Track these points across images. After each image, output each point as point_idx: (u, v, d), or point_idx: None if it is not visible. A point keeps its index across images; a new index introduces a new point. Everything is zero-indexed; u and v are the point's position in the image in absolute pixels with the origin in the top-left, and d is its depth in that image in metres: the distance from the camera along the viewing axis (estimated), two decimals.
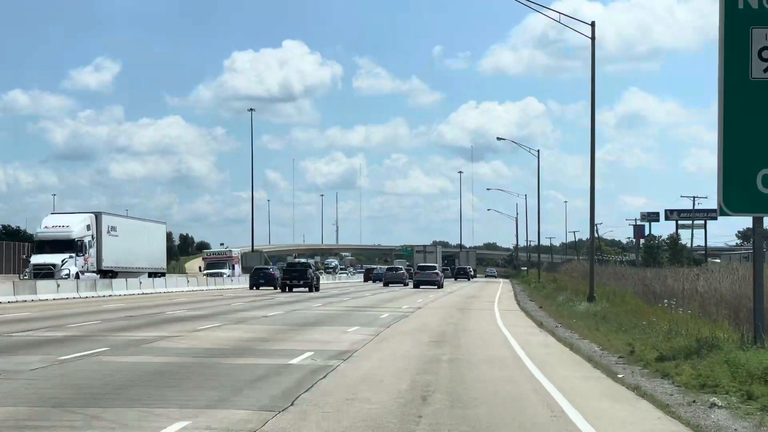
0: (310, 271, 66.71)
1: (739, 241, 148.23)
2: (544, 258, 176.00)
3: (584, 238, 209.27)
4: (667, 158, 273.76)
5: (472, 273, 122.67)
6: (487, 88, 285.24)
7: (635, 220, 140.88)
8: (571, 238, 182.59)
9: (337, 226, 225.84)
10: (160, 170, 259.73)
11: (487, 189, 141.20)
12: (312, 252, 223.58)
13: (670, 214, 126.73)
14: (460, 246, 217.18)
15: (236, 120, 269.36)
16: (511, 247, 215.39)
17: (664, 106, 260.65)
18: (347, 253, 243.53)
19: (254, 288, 70.52)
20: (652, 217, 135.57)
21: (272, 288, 68.90)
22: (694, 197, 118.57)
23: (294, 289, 64.72)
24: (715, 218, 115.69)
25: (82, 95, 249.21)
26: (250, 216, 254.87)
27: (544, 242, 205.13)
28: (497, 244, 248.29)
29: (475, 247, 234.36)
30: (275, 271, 74.54)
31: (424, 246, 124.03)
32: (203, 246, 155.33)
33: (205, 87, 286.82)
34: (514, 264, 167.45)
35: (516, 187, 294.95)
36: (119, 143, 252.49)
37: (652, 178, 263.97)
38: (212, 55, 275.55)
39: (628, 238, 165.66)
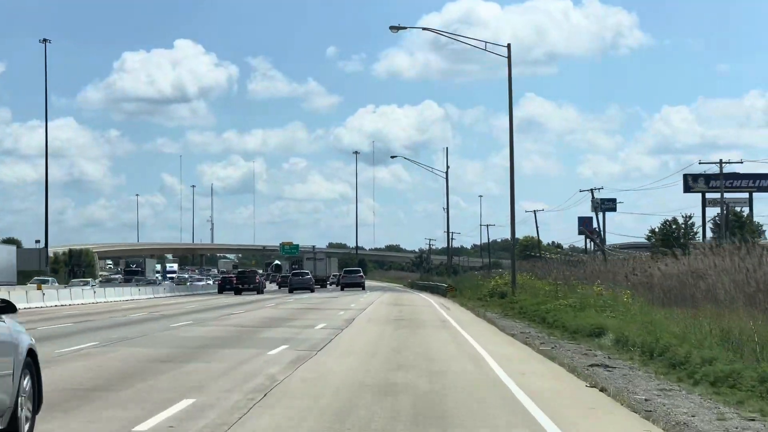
0: (258, 276, 78.17)
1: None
2: (456, 261, 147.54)
3: (500, 239, 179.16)
4: (564, 164, 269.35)
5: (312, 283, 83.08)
6: (385, 92, 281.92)
7: (487, 227, 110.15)
8: (485, 239, 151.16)
9: (213, 224, 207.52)
10: (52, 174, 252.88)
11: (392, 156, 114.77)
12: (183, 252, 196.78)
13: (693, 182, 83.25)
14: (356, 248, 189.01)
15: (129, 123, 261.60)
16: (418, 250, 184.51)
17: (561, 111, 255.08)
18: (231, 256, 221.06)
19: None
20: (607, 205, 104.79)
21: None
22: None
23: (243, 293, 72.70)
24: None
25: None
26: (149, 220, 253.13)
27: (458, 243, 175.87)
28: (401, 246, 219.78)
29: (377, 249, 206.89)
30: None
31: (314, 252, 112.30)
32: (11, 243, 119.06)
33: (93, 88, 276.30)
34: (425, 267, 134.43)
35: (416, 191, 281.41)
36: (6, 146, 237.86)
37: (550, 183, 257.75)
38: (100, 55, 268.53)
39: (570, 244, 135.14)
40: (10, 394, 8.85)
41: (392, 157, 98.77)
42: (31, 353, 9.45)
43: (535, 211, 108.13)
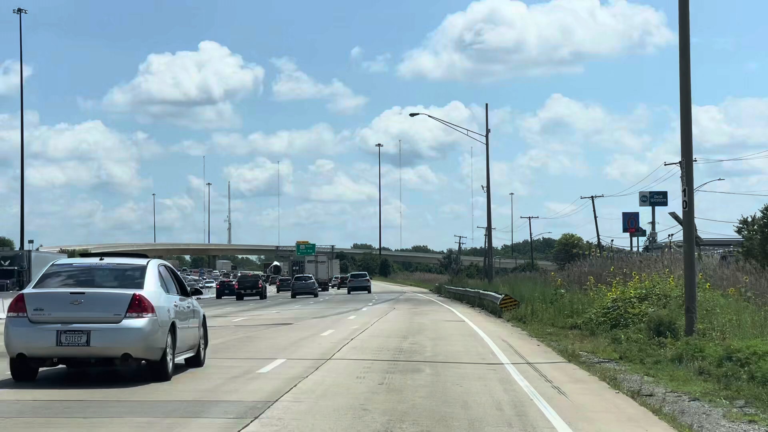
0: (261, 281, 74.30)
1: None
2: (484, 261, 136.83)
3: (522, 239, 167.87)
4: (591, 164, 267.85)
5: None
6: (410, 92, 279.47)
7: (529, 219, 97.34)
8: (516, 239, 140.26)
9: (230, 224, 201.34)
10: (80, 177, 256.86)
11: (411, 115, 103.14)
12: (198, 253, 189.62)
13: None
14: (380, 249, 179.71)
15: (155, 125, 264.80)
16: (446, 251, 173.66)
17: (588, 111, 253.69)
18: (254, 257, 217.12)
19: None
20: (657, 198, 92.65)
21: None
22: None
23: (245, 297, 70.17)
24: None
25: None
26: (177, 222, 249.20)
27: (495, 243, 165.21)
28: (428, 247, 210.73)
29: (403, 250, 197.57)
30: None
31: (316, 254, 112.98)
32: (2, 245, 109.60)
33: (120, 91, 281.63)
34: (455, 268, 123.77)
35: (443, 193, 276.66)
36: (35, 149, 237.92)
37: (577, 184, 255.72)
38: (126, 58, 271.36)
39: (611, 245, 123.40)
40: (198, 338, 17.30)
41: (412, 114, 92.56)
42: (204, 317, 17.86)
43: (592, 197, 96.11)
